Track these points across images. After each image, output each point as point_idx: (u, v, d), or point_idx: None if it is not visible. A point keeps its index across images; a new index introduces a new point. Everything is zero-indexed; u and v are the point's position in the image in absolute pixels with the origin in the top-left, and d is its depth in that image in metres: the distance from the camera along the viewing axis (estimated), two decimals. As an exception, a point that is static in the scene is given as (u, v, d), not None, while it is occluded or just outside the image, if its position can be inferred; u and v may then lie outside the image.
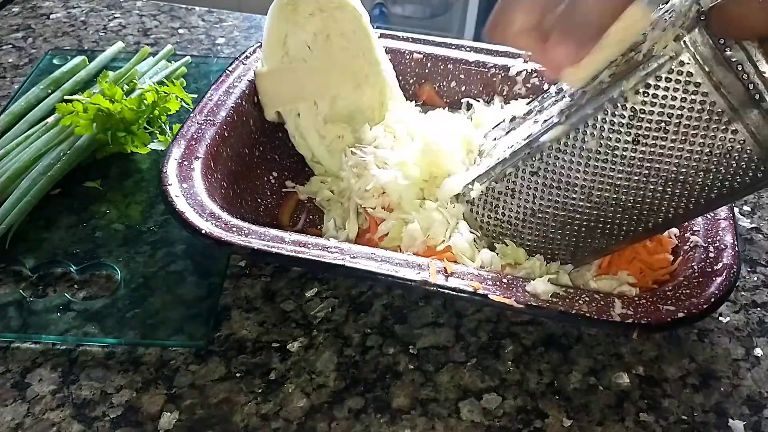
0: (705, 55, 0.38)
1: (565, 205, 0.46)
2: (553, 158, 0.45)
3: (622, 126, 0.41)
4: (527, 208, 0.48)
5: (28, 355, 0.46)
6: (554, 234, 0.48)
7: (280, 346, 0.48)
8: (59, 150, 0.59)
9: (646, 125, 0.41)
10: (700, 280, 0.44)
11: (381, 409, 0.44)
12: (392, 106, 0.61)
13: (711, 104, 0.39)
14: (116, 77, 0.68)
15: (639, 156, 0.42)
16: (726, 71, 0.38)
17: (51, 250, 0.53)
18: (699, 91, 0.39)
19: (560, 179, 0.45)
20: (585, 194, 0.45)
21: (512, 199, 0.48)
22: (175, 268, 0.52)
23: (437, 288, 0.43)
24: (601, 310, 0.42)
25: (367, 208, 0.53)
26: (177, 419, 0.43)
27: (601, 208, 0.45)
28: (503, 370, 0.47)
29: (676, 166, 0.42)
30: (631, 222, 0.45)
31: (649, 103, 0.40)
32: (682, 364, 0.48)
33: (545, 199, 0.46)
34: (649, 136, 0.41)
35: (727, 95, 0.38)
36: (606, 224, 0.46)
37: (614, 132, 0.42)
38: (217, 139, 0.53)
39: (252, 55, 0.62)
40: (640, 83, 0.40)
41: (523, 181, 0.47)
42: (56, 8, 0.89)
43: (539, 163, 0.46)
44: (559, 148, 0.44)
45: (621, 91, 0.41)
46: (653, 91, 0.40)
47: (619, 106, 0.41)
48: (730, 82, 0.38)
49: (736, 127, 0.39)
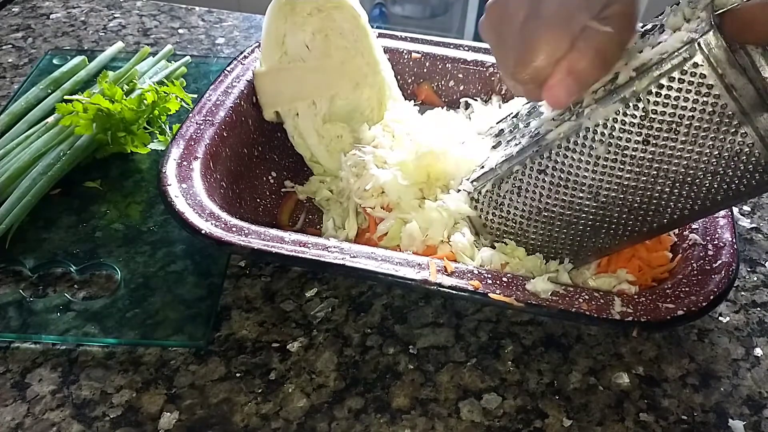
0: (718, 57, 0.38)
1: (571, 204, 0.46)
2: (562, 157, 0.45)
3: (633, 126, 0.41)
4: (533, 207, 0.48)
5: (28, 355, 0.47)
6: (559, 233, 0.48)
7: (280, 346, 0.48)
8: (59, 150, 0.59)
9: (657, 126, 0.41)
10: (699, 278, 0.45)
11: (381, 409, 0.44)
12: (391, 106, 0.61)
13: (722, 107, 0.39)
14: (116, 77, 0.68)
15: (648, 156, 0.42)
16: (738, 74, 0.38)
17: (51, 250, 0.53)
18: (711, 93, 0.39)
19: (568, 178, 0.45)
20: (592, 194, 0.45)
21: (518, 197, 0.48)
22: (175, 268, 0.52)
23: (437, 287, 0.43)
24: (601, 308, 0.42)
25: (366, 208, 0.53)
26: (177, 419, 0.43)
27: (607, 208, 0.45)
28: (503, 370, 0.47)
29: (684, 168, 0.42)
30: (636, 222, 0.45)
31: (661, 103, 0.40)
32: (682, 364, 0.48)
33: (552, 197, 0.46)
34: (659, 136, 0.41)
35: (738, 98, 0.38)
36: (611, 224, 0.46)
37: (625, 132, 0.42)
38: (216, 140, 0.53)
39: (251, 55, 0.62)
40: (653, 83, 0.40)
41: (530, 179, 0.47)
42: (56, 8, 0.89)
43: (547, 161, 0.45)
44: (568, 146, 0.44)
45: (633, 91, 0.41)
46: (666, 92, 0.40)
47: (631, 106, 0.41)
48: (743, 85, 0.38)
49: (745, 130, 0.39)
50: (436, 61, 0.66)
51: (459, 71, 0.65)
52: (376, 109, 0.61)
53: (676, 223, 0.45)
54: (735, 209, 0.61)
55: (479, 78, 0.65)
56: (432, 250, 0.50)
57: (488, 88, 0.65)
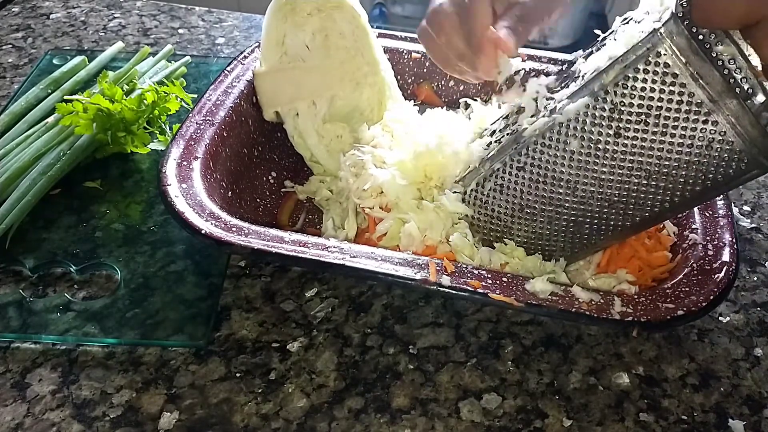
0: (681, 45, 0.38)
1: (551, 200, 0.46)
2: (539, 153, 0.45)
3: (604, 119, 0.42)
4: (515, 204, 0.48)
5: (28, 355, 0.47)
6: (543, 229, 0.48)
7: (280, 346, 0.48)
8: (59, 150, 0.59)
9: (627, 118, 0.41)
10: (699, 278, 0.45)
11: (381, 409, 0.44)
12: (390, 106, 0.61)
13: (690, 95, 0.39)
14: (116, 77, 0.68)
15: (621, 149, 0.42)
16: (702, 61, 0.38)
17: (51, 250, 0.53)
18: (677, 83, 0.39)
19: (546, 174, 0.45)
20: (570, 189, 0.45)
21: (501, 195, 0.48)
22: (175, 268, 0.52)
23: (437, 287, 0.43)
24: (601, 308, 0.42)
25: (365, 208, 0.53)
26: (177, 419, 0.43)
27: (587, 203, 0.45)
28: (503, 370, 0.47)
29: (658, 159, 0.42)
30: (618, 216, 0.45)
31: (629, 95, 0.40)
32: (682, 364, 0.48)
33: (532, 194, 0.47)
34: (630, 129, 0.41)
35: (705, 86, 0.38)
36: (593, 219, 0.46)
37: (596, 125, 0.42)
38: (216, 139, 0.53)
39: (250, 55, 0.62)
40: (620, 76, 0.40)
41: (510, 176, 0.47)
42: (56, 8, 0.89)
43: (525, 158, 0.46)
44: (544, 142, 0.45)
45: (601, 84, 0.41)
46: (632, 83, 0.40)
47: (599, 99, 0.41)
48: (708, 72, 0.38)
49: (716, 118, 0.39)
50: (436, 61, 0.65)
51: (459, 71, 0.65)
52: (376, 109, 0.61)
53: (661, 216, 0.45)
54: (735, 209, 0.61)
55: (479, 78, 0.65)
56: (431, 249, 0.50)
57: (488, 88, 0.65)
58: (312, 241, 0.46)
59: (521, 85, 0.63)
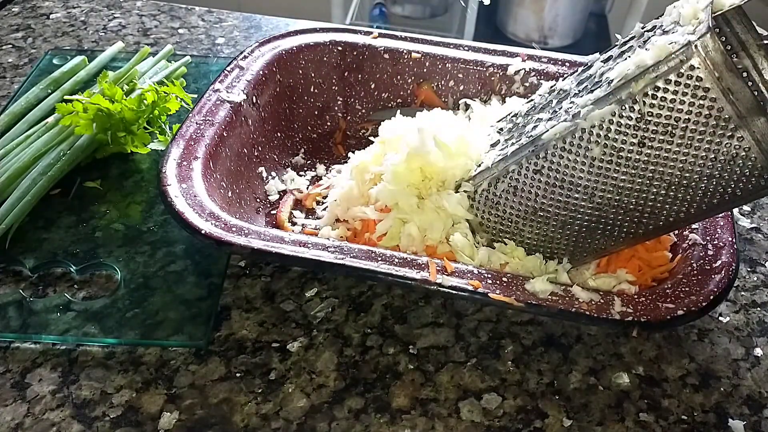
0: (716, 60, 0.38)
1: (567, 204, 0.46)
2: (558, 157, 0.45)
3: (629, 128, 0.41)
4: (528, 207, 0.48)
5: (28, 355, 0.46)
6: (554, 233, 0.48)
7: (280, 346, 0.48)
8: (59, 150, 0.59)
9: (653, 128, 0.41)
10: (699, 278, 0.44)
11: (381, 409, 0.44)
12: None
13: (719, 110, 0.39)
14: (116, 77, 0.68)
15: (644, 159, 0.42)
16: (735, 77, 0.38)
17: (51, 250, 0.53)
18: (707, 97, 0.39)
19: (563, 179, 0.45)
20: (588, 195, 0.45)
21: (514, 196, 0.48)
22: (175, 268, 0.52)
23: (437, 287, 0.43)
24: (601, 308, 0.42)
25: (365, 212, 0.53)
26: (177, 419, 0.43)
27: (603, 209, 0.45)
28: (503, 370, 0.47)
29: (680, 171, 0.42)
30: (632, 224, 0.45)
31: (657, 106, 0.40)
32: (682, 364, 0.48)
33: (547, 198, 0.46)
34: (655, 139, 0.41)
35: (735, 102, 0.38)
36: (607, 225, 0.46)
37: (620, 134, 0.42)
38: (216, 139, 0.53)
39: (250, 55, 0.62)
40: (649, 86, 0.40)
41: (525, 179, 0.47)
42: (56, 8, 0.89)
43: (543, 161, 0.45)
44: (564, 147, 0.44)
45: (629, 92, 0.41)
46: (662, 94, 0.40)
47: (626, 107, 0.41)
48: (739, 88, 0.38)
49: (742, 134, 0.39)
50: (436, 60, 0.65)
51: (459, 71, 0.65)
52: None
53: (673, 225, 0.45)
54: (735, 209, 0.61)
55: (479, 78, 0.65)
56: (431, 250, 0.50)
57: (488, 88, 0.65)
58: (312, 241, 0.46)
59: (521, 84, 0.64)
